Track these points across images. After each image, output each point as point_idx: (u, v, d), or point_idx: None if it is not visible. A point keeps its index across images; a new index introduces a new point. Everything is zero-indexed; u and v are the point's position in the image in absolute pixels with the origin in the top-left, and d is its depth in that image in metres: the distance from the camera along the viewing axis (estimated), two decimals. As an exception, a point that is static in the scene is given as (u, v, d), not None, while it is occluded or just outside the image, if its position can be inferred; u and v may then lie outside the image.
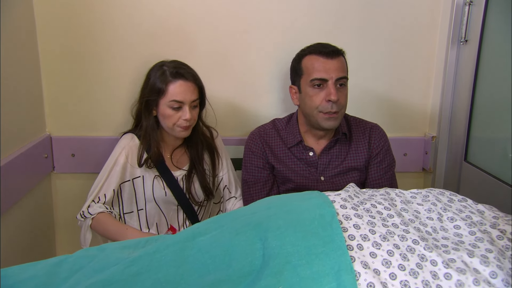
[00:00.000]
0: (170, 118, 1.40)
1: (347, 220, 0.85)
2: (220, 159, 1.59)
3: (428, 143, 1.84)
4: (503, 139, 1.48)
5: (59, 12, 1.62)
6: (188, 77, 1.40)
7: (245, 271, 0.77)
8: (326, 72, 1.33)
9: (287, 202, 0.92)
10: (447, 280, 0.74)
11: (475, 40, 1.58)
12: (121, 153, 1.43)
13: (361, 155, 1.46)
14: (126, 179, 1.43)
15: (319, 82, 1.34)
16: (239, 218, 0.90)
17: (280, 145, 1.49)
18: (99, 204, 1.38)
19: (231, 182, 1.62)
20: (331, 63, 1.34)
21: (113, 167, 1.42)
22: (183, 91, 1.39)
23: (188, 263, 0.82)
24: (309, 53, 1.39)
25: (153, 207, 1.48)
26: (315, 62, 1.36)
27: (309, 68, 1.37)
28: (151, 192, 1.46)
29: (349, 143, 1.47)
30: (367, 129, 1.49)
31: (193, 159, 1.53)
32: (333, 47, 1.37)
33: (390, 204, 0.93)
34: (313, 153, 1.45)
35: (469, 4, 1.60)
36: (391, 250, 0.79)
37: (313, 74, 1.35)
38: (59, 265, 0.88)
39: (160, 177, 1.48)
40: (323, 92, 1.34)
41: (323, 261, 0.74)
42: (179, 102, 1.39)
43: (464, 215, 0.91)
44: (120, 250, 0.91)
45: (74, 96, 1.70)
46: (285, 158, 1.47)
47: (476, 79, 1.59)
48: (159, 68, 1.42)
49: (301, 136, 1.46)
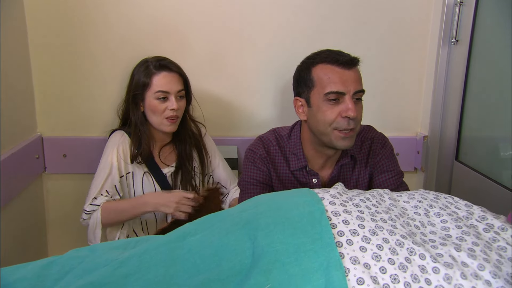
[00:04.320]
0: (157, 110, 1.42)
1: (336, 216, 0.85)
2: (209, 157, 1.60)
3: (419, 142, 1.85)
4: (494, 139, 1.49)
5: (50, 12, 1.61)
6: (172, 68, 1.44)
7: (235, 270, 0.77)
8: (344, 84, 1.16)
9: (276, 200, 0.92)
10: (435, 274, 0.74)
11: (465, 40, 1.59)
12: (114, 150, 1.44)
13: (365, 175, 1.33)
14: (121, 174, 1.45)
15: (335, 96, 1.17)
16: (228, 218, 0.90)
17: (284, 166, 1.32)
18: (102, 196, 1.39)
19: (224, 178, 1.62)
20: (348, 74, 1.17)
21: (110, 165, 1.42)
22: (168, 81, 1.42)
23: (178, 263, 0.81)
24: (321, 61, 1.21)
25: None
26: (330, 73, 1.17)
27: (323, 80, 1.18)
28: (141, 188, 1.47)
29: (353, 165, 1.33)
30: (368, 145, 1.33)
31: (181, 156, 1.54)
32: (349, 56, 1.21)
33: (378, 201, 0.94)
34: (317, 180, 1.30)
35: (459, 5, 1.61)
36: (380, 244, 0.79)
37: (329, 87, 1.17)
38: (49, 266, 0.87)
39: (149, 173, 1.49)
40: (338, 107, 1.17)
41: (311, 258, 0.75)
42: (164, 92, 1.41)
43: (450, 210, 0.92)
44: (111, 251, 0.90)
45: (66, 97, 1.69)
46: (288, 183, 1.32)
47: (467, 79, 1.60)
48: (142, 64, 1.46)
49: (305, 160, 1.29)
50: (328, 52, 1.23)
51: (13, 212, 1.52)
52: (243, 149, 1.79)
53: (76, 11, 1.62)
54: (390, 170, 1.33)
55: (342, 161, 1.30)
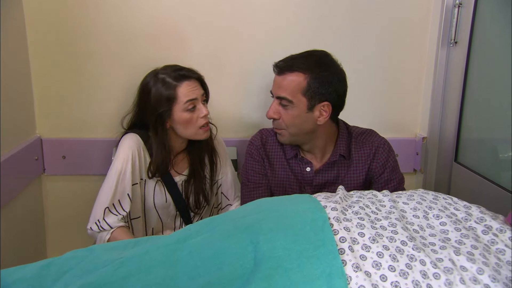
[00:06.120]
0: (190, 122, 1.35)
1: (338, 223, 0.85)
2: (220, 163, 1.54)
3: (418, 144, 1.85)
4: (493, 140, 1.50)
5: (49, 13, 1.60)
6: (192, 75, 1.37)
7: (236, 274, 0.77)
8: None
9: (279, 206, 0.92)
10: (436, 279, 0.74)
11: (464, 41, 1.60)
12: (128, 155, 1.34)
13: (360, 177, 1.36)
14: (135, 181, 1.37)
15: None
16: (230, 221, 0.89)
17: (280, 155, 1.40)
18: (118, 216, 1.32)
19: (229, 188, 1.56)
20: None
21: (123, 172, 1.33)
22: (192, 89, 1.35)
23: (178, 265, 0.81)
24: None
25: (152, 213, 1.45)
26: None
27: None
28: (152, 197, 1.42)
29: (348, 164, 1.37)
30: (371, 150, 1.36)
31: (193, 164, 1.48)
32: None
33: (378, 207, 0.94)
34: (310, 168, 1.36)
35: (458, 6, 1.62)
36: (380, 251, 0.79)
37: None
38: (48, 267, 0.87)
39: (162, 182, 1.43)
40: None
41: (314, 265, 0.75)
42: (192, 100, 1.34)
43: (449, 212, 0.92)
44: (110, 251, 0.90)
45: (65, 98, 1.69)
46: (281, 171, 1.39)
47: (466, 80, 1.61)
48: (155, 78, 1.36)
49: (297, 148, 1.37)
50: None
51: (12, 214, 1.52)
52: (242, 151, 1.79)
53: (75, 12, 1.61)
54: (393, 178, 1.37)
55: (331, 158, 1.35)
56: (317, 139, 1.34)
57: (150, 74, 1.39)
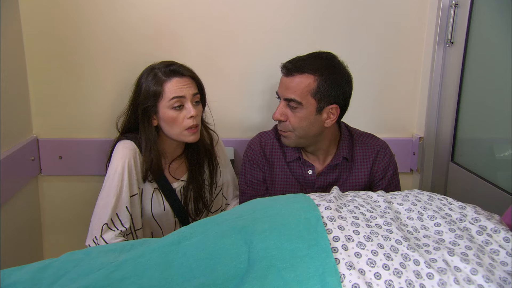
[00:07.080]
0: (175, 121, 1.29)
1: (331, 222, 0.86)
2: (219, 168, 1.50)
3: (415, 144, 1.85)
4: (490, 140, 1.50)
5: (45, 13, 1.60)
6: (183, 72, 1.31)
7: (230, 275, 0.77)
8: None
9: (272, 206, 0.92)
10: (429, 279, 0.75)
11: (461, 41, 1.60)
12: (124, 165, 1.28)
13: (362, 179, 1.37)
14: (134, 192, 1.31)
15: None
16: (224, 222, 0.90)
17: (280, 158, 1.38)
18: (115, 232, 1.24)
19: (229, 186, 1.55)
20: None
21: (120, 184, 1.26)
22: (181, 86, 1.28)
23: (173, 267, 0.81)
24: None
25: (152, 222, 1.41)
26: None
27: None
28: (149, 206, 1.38)
29: (350, 166, 1.37)
30: (373, 152, 1.37)
31: (192, 169, 1.44)
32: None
33: (373, 207, 0.94)
34: (312, 171, 1.35)
35: (454, 7, 1.62)
36: (375, 250, 0.80)
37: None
38: (44, 269, 0.87)
39: (159, 190, 1.39)
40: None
41: (307, 264, 0.75)
42: (179, 97, 1.28)
43: (444, 212, 0.93)
44: (106, 254, 0.90)
45: (61, 98, 1.69)
46: (281, 174, 1.37)
47: (462, 80, 1.61)
48: (149, 72, 1.32)
49: (300, 152, 1.36)
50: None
51: (9, 214, 1.51)
52: (239, 151, 1.79)
53: (72, 13, 1.61)
54: (392, 184, 1.39)
55: (334, 161, 1.34)
56: (322, 141, 1.33)
57: (147, 68, 1.35)
